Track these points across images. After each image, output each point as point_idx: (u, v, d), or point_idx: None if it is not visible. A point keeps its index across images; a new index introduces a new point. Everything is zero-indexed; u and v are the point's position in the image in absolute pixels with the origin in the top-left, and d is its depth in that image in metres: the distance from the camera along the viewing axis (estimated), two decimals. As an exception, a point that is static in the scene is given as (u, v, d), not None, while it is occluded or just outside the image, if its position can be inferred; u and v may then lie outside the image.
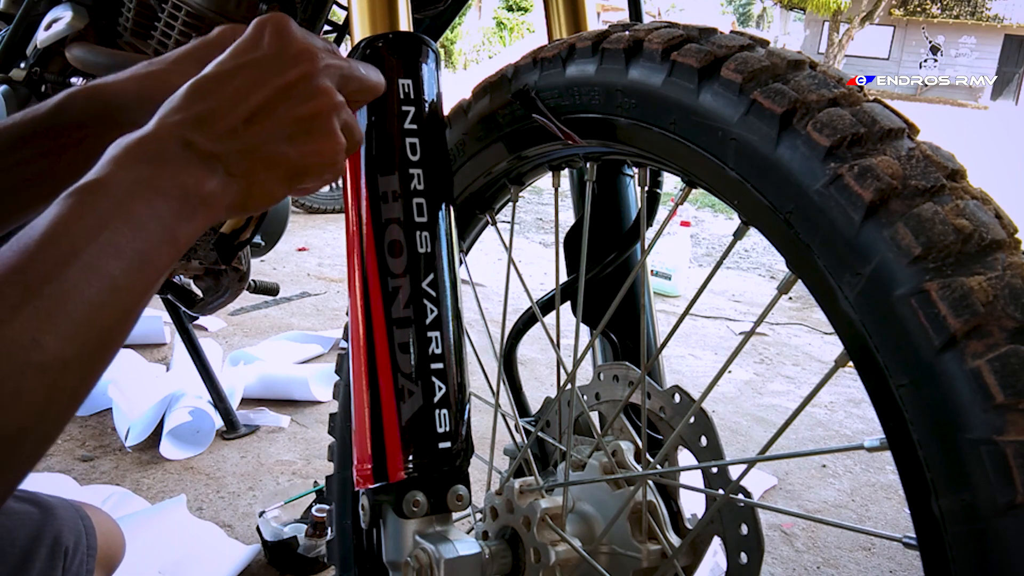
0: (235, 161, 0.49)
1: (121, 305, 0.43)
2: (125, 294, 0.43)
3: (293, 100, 0.51)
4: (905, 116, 0.49)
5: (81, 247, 0.41)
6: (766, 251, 4.69)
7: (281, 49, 0.52)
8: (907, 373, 0.41)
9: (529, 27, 20.43)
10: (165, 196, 0.45)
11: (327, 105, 0.52)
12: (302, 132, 0.51)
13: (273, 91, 0.51)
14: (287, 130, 0.51)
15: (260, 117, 0.50)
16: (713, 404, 2.40)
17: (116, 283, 0.42)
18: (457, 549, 0.61)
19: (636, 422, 0.72)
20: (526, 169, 0.76)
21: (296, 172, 0.52)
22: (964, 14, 22.34)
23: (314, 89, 0.52)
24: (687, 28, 0.57)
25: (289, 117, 0.51)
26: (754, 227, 0.52)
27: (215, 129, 0.48)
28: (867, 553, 1.67)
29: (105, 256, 0.42)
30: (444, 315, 0.62)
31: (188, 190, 0.46)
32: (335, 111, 0.53)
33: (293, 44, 0.52)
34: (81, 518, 0.80)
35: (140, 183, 0.45)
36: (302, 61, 0.52)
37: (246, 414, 1.99)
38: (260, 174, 0.50)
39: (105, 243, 0.42)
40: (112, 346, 0.44)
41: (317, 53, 0.53)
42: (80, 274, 0.41)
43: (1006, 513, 0.37)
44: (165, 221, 0.45)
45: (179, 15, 1.26)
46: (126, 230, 0.43)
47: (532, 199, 5.74)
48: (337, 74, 0.54)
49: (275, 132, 0.50)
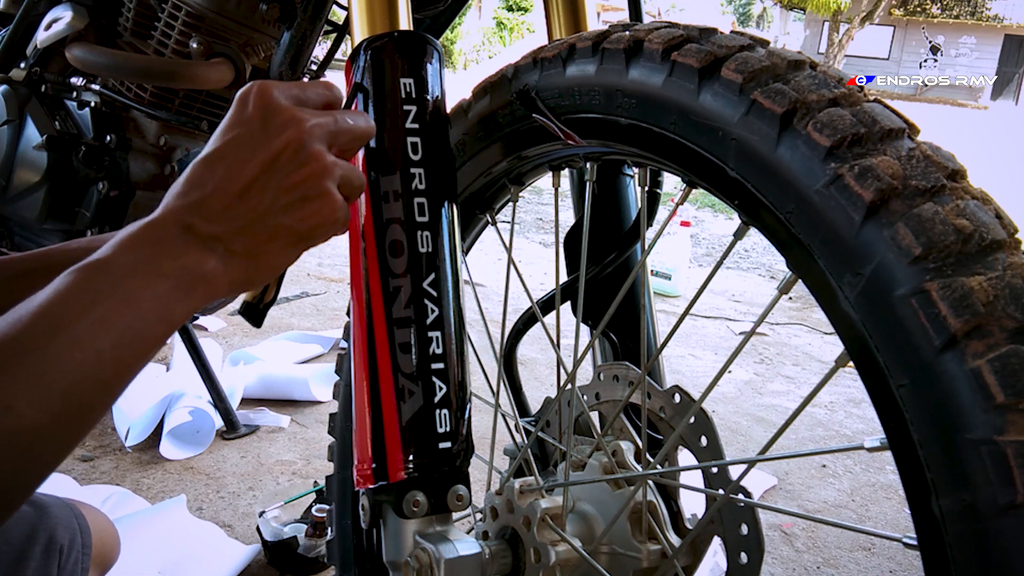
0: (235, 239, 0.50)
1: (105, 378, 0.44)
2: (110, 368, 0.44)
3: (283, 170, 0.52)
4: (905, 116, 0.49)
5: (71, 320, 0.43)
6: (766, 251, 4.69)
7: (265, 120, 0.52)
8: (907, 373, 0.41)
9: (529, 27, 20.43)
10: (164, 276, 0.47)
11: (318, 169, 0.53)
12: (298, 199, 0.52)
13: (262, 165, 0.51)
14: (282, 200, 0.52)
15: (254, 193, 0.51)
16: (713, 404, 2.40)
17: (102, 357, 0.44)
18: (457, 549, 0.61)
19: (636, 422, 0.72)
20: (526, 169, 0.76)
21: (299, 239, 0.53)
22: (964, 14, 22.33)
23: (303, 156, 0.52)
24: (687, 28, 0.57)
25: (282, 187, 0.52)
26: (754, 227, 0.52)
27: (212, 211, 0.50)
28: (867, 553, 1.67)
29: (94, 331, 0.44)
30: (445, 315, 0.62)
31: (188, 270, 0.48)
32: (327, 173, 0.53)
33: (277, 113, 0.53)
34: (75, 516, 0.80)
35: (141, 264, 0.47)
36: (286, 129, 0.52)
37: (246, 414, 1.99)
38: (262, 247, 0.52)
39: (96, 318, 0.44)
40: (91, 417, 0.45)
41: (301, 118, 0.53)
42: (66, 346, 0.42)
43: (1006, 513, 0.37)
44: (163, 300, 0.47)
45: (179, 15, 1.26)
46: (120, 307, 0.45)
47: (532, 199, 5.74)
48: (325, 132, 0.54)
49: (271, 204, 0.51)
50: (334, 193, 0.54)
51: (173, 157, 1.46)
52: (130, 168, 1.41)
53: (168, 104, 1.38)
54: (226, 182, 0.50)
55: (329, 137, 0.55)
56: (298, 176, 0.52)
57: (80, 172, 1.38)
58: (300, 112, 0.53)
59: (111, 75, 1.35)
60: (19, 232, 1.50)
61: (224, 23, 1.27)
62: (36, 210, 1.39)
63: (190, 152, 1.44)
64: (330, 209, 0.54)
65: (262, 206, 0.51)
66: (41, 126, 1.39)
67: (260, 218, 0.51)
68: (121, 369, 0.45)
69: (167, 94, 1.37)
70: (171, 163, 1.46)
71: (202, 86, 1.28)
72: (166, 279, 0.47)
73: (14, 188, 1.40)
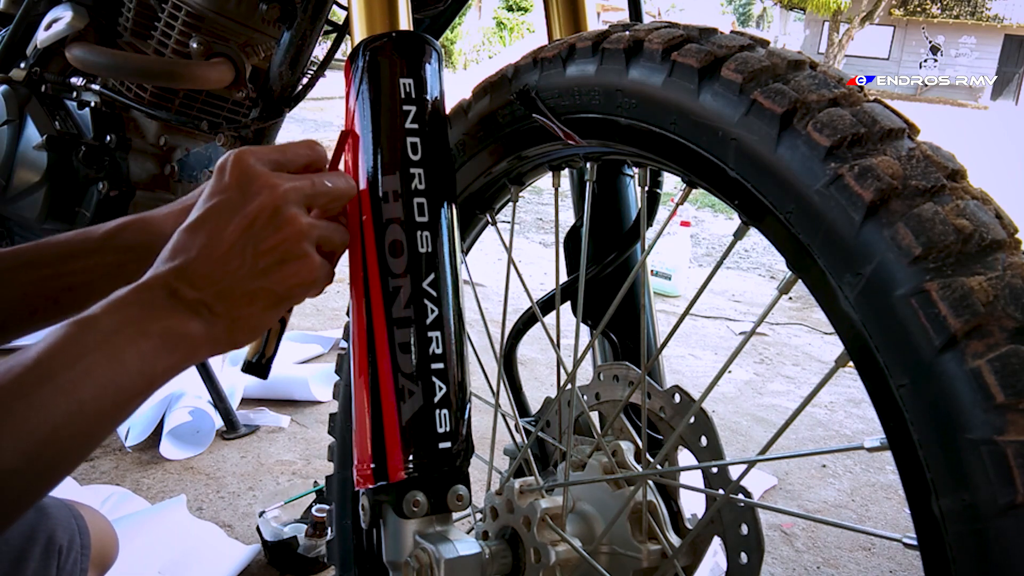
0: (217, 303, 0.53)
1: (82, 428, 0.47)
2: (90, 417, 0.47)
3: (260, 235, 0.54)
4: (905, 116, 0.49)
5: (57, 371, 0.46)
6: (766, 251, 4.69)
7: (241, 187, 0.54)
8: (907, 373, 0.41)
9: (529, 27, 20.43)
10: (148, 335, 0.50)
11: (294, 232, 0.54)
12: (275, 262, 0.54)
13: (239, 231, 0.53)
14: (261, 264, 0.54)
15: (233, 258, 0.53)
16: (713, 404, 2.40)
17: (84, 407, 0.46)
18: (457, 549, 0.61)
19: (636, 422, 0.72)
20: (526, 169, 0.76)
21: (278, 300, 0.55)
22: (964, 14, 22.33)
23: (278, 220, 0.54)
24: (687, 28, 0.57)
25: (260, 252, 0.53)
26: (754, 227, 0.52)
27: (195, 277, 0.52)
28: (867, 553, 1.67)
29: (78, 382, 0.46)
30: (445, 315, 0.62)
31: (172, 331, 0.51)
32: (303, 236, 0.55)
33: (252, 180, 0.55)
34: (74, 517, 0.80)
35: (127, 322, 0.49)
36: (261, 194, 0.54)
37: (246, 414, 1.99)
38: (243, 310, 0.54)
39: (81, 370, 0.46)
40: (65, 464, 0.47)
41: (275, 183, 0.55)
42: (50, 395, 0.45)
43: (1006, 513, 0.37)
44: (146, 357, 0.49)
45: (179, 15, 1.26)
46: (104, 361, 0.47)
47: (532, 199, 5.74)
48: (301, 196, 0.56)
49: (250, 269, 0.53)
50: (311, 255, 0.56)
51: (173, 157, 1.46)
52: (130, 168, 1.41)
53: (168, 104, 1.38)
54: (207, 249, 0.53)
55: (306, 200, 0.56)
56: (274, 240, 0.54)
57: (80, 172, 1.38)
58: (275, 178, 0.55)
59: (111, 75, 1.35)
60: (19, 232, 1.50)
61: (224, 23, 1.27)
62: (36, 210, 1.39)
63: (190, 152, 1.44)
64: (307, 270, 0.56)
65: (242, 270, 0.53)
66: (41, 126, 1.39)
67: (240, 282, 0.53)
68: (100, 420, 0.47)
69: (167, 94, 1.37)
70: (171, 163, 1.46)
71: (202, 86, 1.28)
72: (150, 338, 0.50)
73: (14, 188, 1.40)
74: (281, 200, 0.54)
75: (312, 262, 0.56)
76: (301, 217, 0.55)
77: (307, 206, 0.56)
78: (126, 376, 0.48)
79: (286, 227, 0.54)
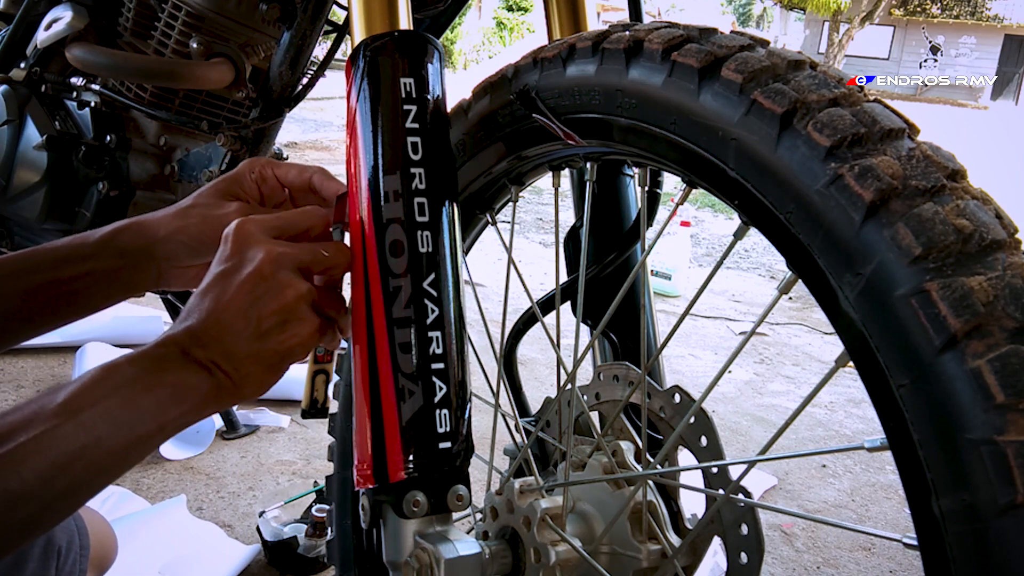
0: (223, 361, 0.56)
1: (97, 460, 0.51)
2: (104, 453, 0.51)
3: (261, 300, 0.57)
4: (905, 116, 0.49)
5: (82, 408, 0.51)
6: (766, 251, 4.69)
7: (240, 254, 0.58)
8: (907, 373, 0.41)
9: (529, 27, 20.42)
10: (163, 385, 0.54)
11: (292, 296, 0.58)
12: (276, 325, 0.57)
13: (241, 296, 0.57)
14: (264, 326, 0.57)
15: (236, 321, 0.56)
16: (713, 404, 2.40)
17: (100, 443, 0.51)
18: (457, 549, 0.61)
19: (636, 422, 0.72)
20: (526, 169, 0.76)
21: (281, 360, 0.59)
22: (964, 14, 22.33)
23: (276, 284, 0.57)
24: (687, 28, 0.57)
25: (262, 315, 0.57)
26: (754, 227, 0.52)
27: (204, 339, 0.56)
28: (867, 553, 1.67)
29: (97, 419, 0.51)
30: (445, 315, 0.62)
31: (184, 383, 0.55)
32: (301, 299, 0.58)
33: (251, 247, 0.58)
34: (73, 518, 0.80)
35: (147, 372, 0.54)
36: (256, 260, 0.57)
37: (246, 414, 1.99)
38: (248, 368, 0.57)
39: (102, 410, 0.51)
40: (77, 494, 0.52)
41: (271, 249, 0.58)
42: (72, 429, 0.50)
43: (1007, 513, 0.37)
44: (160, 404, 0.54)
45: (179, 15, 1.26)
46: (122, 403, 0.52)
47: (532, 199, 5.74)
48: (295, 261, 0.59)
49: (254, 331, 0.57)
50: (310, 316, 0.59)
51: (173, 157, 1.46)
52: (130, 168, 1.41)
53: (168, 104, 1.38)
54: (214, 312, 0.56)
55: (301, 265, 0.59)
56: (275, 304, 0.57)
57: (80, 172, 1.38)
58: (272, 244, 0.59)
59: (111, 75, 1.35)
60: (19, 232, 1.50)
61: (224, 23, 1.27)
62: (36, 210, 1.39)
63: (190, 152, 1.44)
64: (308, 333, 0.59)
65: (246, 332, 0.56)
66: (41, 126, 1.39)
67: (244, 343, 0.56)
68: (113, 457, 0.52)
69: (167, 94, 1.37)
70: (171, 163, 1.46)
71: (202, 86, 1.28)
72: (164, 388, 0.54)
73: (14, 188, 1.40)
74: (276, 265, 0.57)
75: (311, 324, 0.59)
76: (298, 281, 0.58)
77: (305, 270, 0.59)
78: (140, 420, 0.53)
79: (284, 291, 0.57)
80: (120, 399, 0.52)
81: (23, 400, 0.52)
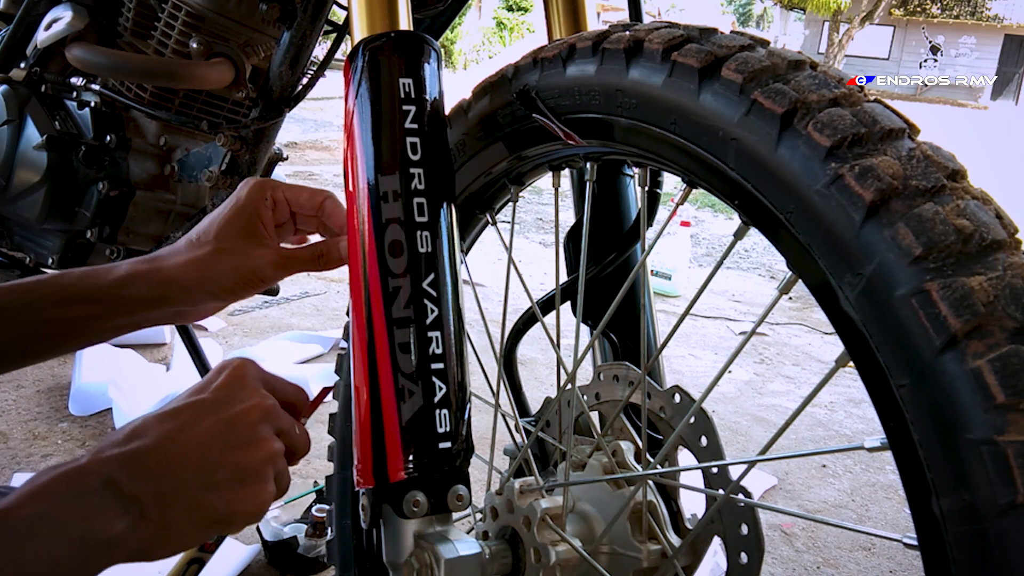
0: (153, 505, 0.48)
1: None
2: None
3: (230, 443, 0.51)
4: (906, 116, 0.49)
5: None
6: (766, 251, 4.69)
7: (231, 390, 0.53)
8: (908, 373, 0.41)
9: (529, 27, 20.42)
10: (66, 538, 0.45)
11: (265, 453, 0.52)
12: (234, 479, 0.51)
13: (212, 431, 0.50)
14: (218, 475, 0.50)
15: (190, 458, 0.49)
16: (713, 404, 2.40)
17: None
18: (457, 549, 0.61)
19: (636, 422, 0.72)
20: (526, 169, 0.76)
21: (216, 521, 0.51)
22: (964, 14, 22.33)
23: (254, 435, 0.52)
24: (687, 28, 0.57)
25: (223, 461, 0.50)
26: (754, 227, 0.52)
27: (143, 468, 0.48)
28: (867, 553, 1.67)
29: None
30: (445, 315, 0.62)
31: (94, 534, 0.45)
32: (272, 459, 0.53)
33: (244, 387, 0.53)
34: None
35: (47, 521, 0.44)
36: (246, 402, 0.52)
37: (246, 414, 1.99)
38: (176, 518, 0.49)
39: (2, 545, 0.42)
40: None
41: (265, 399, 0.53)
42: None
43: (1007, 513, 0.37)
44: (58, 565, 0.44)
45: (179, 15, 1.26)
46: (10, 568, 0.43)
47: (532, 199, 5.74)
48: (277, 424, 0.54)
49: (205, 476, 0.50)
50: (269, 483, 0.53)
51: (173, 157, 1.46)
52: (130, 168, 1.41)
53: (168, 104, 1.38)
54: (168, 441, 0.49)
55: (280, 430, 0.55)
56: (243, 455, 0.51)
57: (80, 172, 1.38)
58: (267, 398, 0.54)
59: (111, 75, 1.35)
60: (19, 232, 1.50)
61: (224, 23, 1.27)
62: (36, 210, 1.38)
63: (190, 152, 1.44)
64: (262, 499, 0.52)
65: (195, 475, 0.49)
66: (41, 126, 1.39)
67: (187, 487, 0.49)
68: None
69: (167, 94, 1.37)
70: (171, 163, 1.46)
71: (202, 86, 1.28)
72: (69, 544, 0.45)
73: (14, 188, 1.40)
74: (264, 417, 0.53)
75: (268, 491, 0.53)
76: (275, 441, 0.54)
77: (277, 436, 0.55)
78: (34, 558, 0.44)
79: (260, 445, 0.52)
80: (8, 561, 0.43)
81: None
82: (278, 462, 0.54)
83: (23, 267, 1.48)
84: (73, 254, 1.43)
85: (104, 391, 1.94)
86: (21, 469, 1.66)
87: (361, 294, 0.63)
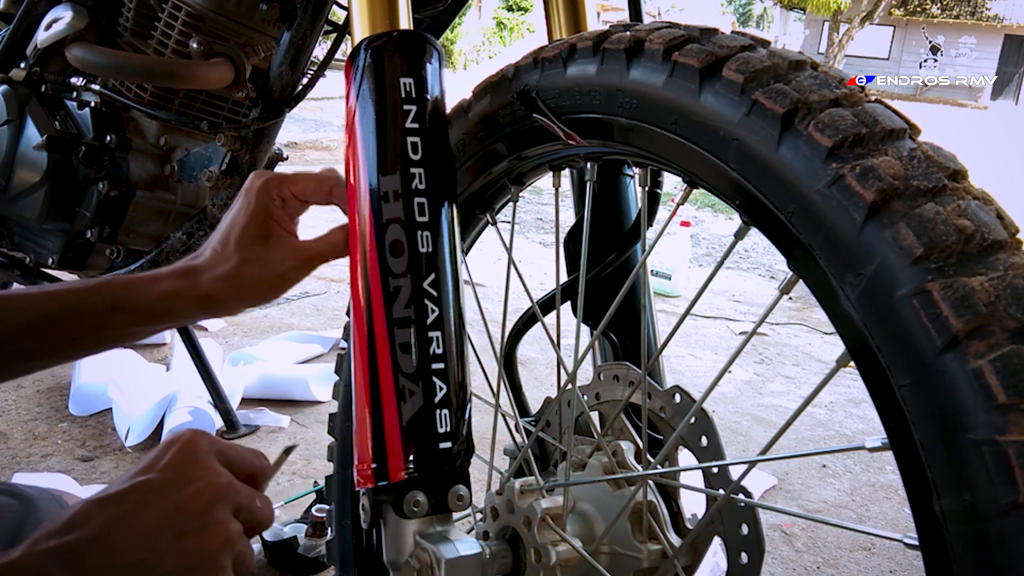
0: None
1: None
2: None
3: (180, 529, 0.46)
4: (906, 116, 0.49)
5: None
6: (766, 251, 4.69)
7: (181, 468, 0.48)
8: (909, 373, 0.41)
9: (529, 27, 20.42)
10: None
11: (220, 540, 0.47)
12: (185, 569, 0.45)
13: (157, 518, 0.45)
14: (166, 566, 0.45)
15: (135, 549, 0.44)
16: (713, 404, 2.40)
17: None
18: (458, 549, 0.61)
19: (636, 422, 0.72)
20: (526, 169, 0.76)
21: None
22: (964, 14, 22.33)
23: (208, 519, 0.47)
24: (688, 28, 0.57)
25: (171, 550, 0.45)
26: (755, 227, 0.52)
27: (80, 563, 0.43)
28: (867, 553, 1.67)
29: None
30: (445, 315, 0.62)
31: None
32: (228, 547, 0.47)
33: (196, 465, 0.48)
34: (62, 508, 0.80)
35: None
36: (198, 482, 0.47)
37: (246, 414, 1.99)
38: None
39: None
40: None
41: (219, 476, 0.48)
42: None
43: (1008, 513, 0.37)
44: None
45: (179, 15, 1.26)
46: None
47: (532, 199, 5.74)
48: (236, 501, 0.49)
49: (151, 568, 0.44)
50: (227, 573, 0.47)
51: (173, 157, 1.46)
52: (130, 168, 1.41)
53: (168, 104, 1.38)
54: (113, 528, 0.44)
55: (238, 508, 0.49)
56: (195, 542, 0.46)
57: (80, 172, 1.38)
58: (220, 475, 0.49)
59: (111, 75, 1.35)
60: (19, 232, 1.50)
61: (224, 23, 1.27)
62: (36, 210, 1.39)
63: (190, 152, 1.44)
64: None
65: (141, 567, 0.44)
66: (41, 126, 1.39)
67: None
68: None
69: (167, 94, 1.37)
70: (171, 163, 1.46)
71: (202, 86, 1.28)
72: None
73: (14, 188, 1.40)
74: (219, 497, 0.48)
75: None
76: (232, 524, 0.48)
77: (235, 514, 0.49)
78: None
79: (214, 529, 0.47)
80: None
81: None
82: (236, 544, 0.48)
83: (23, 267, 1.48)
84: (73, 254, 1.43)
85: (104, 391, 1.94)
86: (21, 469, 1.66)
87: (361, 294, 0.63)
